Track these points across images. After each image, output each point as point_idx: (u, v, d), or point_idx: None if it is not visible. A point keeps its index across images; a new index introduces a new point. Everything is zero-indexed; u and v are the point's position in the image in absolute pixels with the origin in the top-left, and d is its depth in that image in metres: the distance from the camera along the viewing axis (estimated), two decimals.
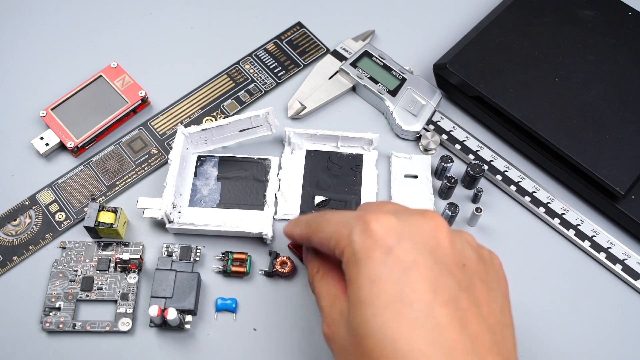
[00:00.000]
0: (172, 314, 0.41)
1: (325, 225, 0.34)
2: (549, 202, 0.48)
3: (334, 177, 0.48)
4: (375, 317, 0.29)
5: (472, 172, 0.47)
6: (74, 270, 0.45)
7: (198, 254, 0.45)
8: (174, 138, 0.48)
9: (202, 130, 0.47)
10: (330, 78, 0.53)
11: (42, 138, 0.49)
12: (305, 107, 0.51)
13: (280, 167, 0.49)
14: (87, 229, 0.45)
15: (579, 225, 0.47)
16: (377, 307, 0.29)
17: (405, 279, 0.29)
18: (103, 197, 0.48)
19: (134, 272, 0.45)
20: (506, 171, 0.49)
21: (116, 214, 0.45)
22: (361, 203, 0.48)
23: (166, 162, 0.50)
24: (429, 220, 0.32)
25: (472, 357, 0.28)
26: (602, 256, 0.46)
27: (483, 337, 0.29)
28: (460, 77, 0.49)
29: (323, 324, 0.34)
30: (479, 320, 0.30)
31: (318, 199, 0.48)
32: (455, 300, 0.30)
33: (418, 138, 0.51)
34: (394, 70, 0.52)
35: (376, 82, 0.52)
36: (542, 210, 0.48)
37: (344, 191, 0.48)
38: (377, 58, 0.53)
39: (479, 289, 0.31)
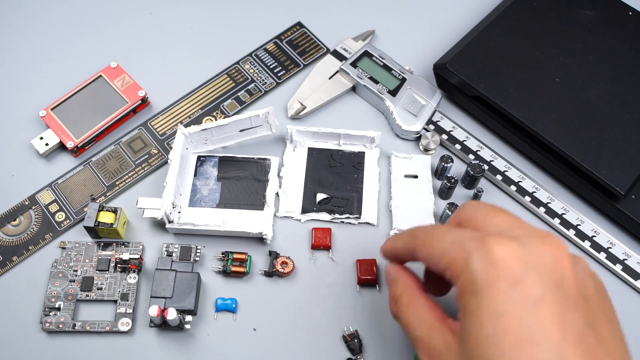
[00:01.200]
0: (172, 314, 0.41)
1: (437, 240, 0.32)
2: (549, 202, 0.48)
3: (336, 175, 0.48)
4: (501, 356, 0.27)
5: (472, 172, 0.47)
6: (74, 270, 0.45)
7: (198, 254, 0.45)
8: (174, 138, 0.48)
9: (202, 130, 0.47)
10: (330, 78, 0.53)
11: (42, 138, 0.49)
12: (305, 107, 0.51)
13: (282, 165, 0.49)
14: (87, 229, 0.45)
15: (579, 225, 0.47)
16: (503, 346, 0.27)
17: (533, 316, 0.28)
18: (103, 197, 0.48)
19: (134, 272, 0.45)
20: (506, 171, 0.49)
21: (116, 214, 0.45)
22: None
23: (166, 162, 0.50)
24: (553, 247, 0.30)
25: None
26: (602, 256, 0.46)
27: None
28: (460, 77, 0.49)
29: (420, 352, 0.32)
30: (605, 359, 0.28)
31: (320, 196, 0.48)
32: (584, 339, 0.28)
33: (418, 138, 0.51)
34: (394, 70, 0.52)
35: (376, 82, 0.52)
36: (542, 210, 0.48)
37: (345, 189, 0.48)
38: (377, 58, 0.53)
39: (603, 323, 0.30)
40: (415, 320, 0.33)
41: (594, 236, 0.47)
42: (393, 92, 0.51)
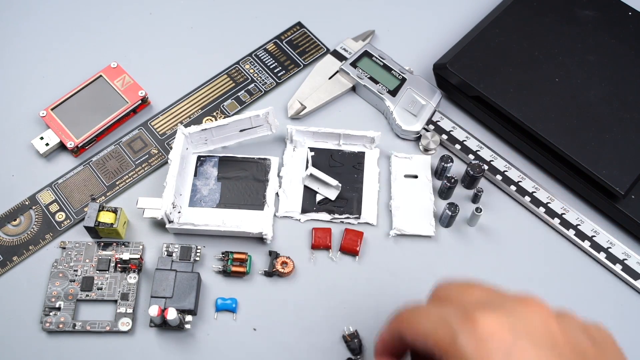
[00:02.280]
0: (172, 314, 0.41)
1: (421, 320, 0.31)
2: (549, 202, 0.48)
3: (335, 175, 0.48)
4: None
5: (472, 172, 0.47)
6: (74, 270, 0.45)
7: (198, 254, 0.45)
8: (174, 138, 0.48)
9: (202, 130, 0.47)
10: (330, 78, 0.53)
11: (42, 138, 0.49)
12: (305, 107, 0.51)
13: (282, 165, 0.49)
14: (87, 229, 0.45)
15: (579, 225, 0.47)
16: None
17: None
18: (103, 197, 0.48)
19: (134, 272, 0.45)
20: (506, 171, 0.49)
21: (116, 214, 0.45)
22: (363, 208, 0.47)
23: (166, 162, 0.50)
24: (537, 309, 0.29)
25: None
26: (602, 256, 0.46)
27: None
28: (460, 77, 0.49)
29: None
30: None
31: (320, 197, 0.48)
32: None
33: (418, 138, 0.51)
34: (394, 70, 0.52)
35: (376, 82, 0.52)
36: (542, 210, 0.48)
37: (345, 189, 0.48)
38: (377, 58, 0.53)
39: None
40: None
41: (594, 236, 0.47)
42: (393, 92, 0.51)
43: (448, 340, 0.29)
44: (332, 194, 0.48)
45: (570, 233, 0.47)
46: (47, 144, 0.49)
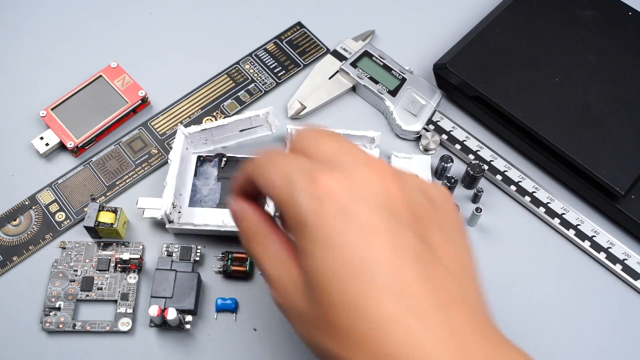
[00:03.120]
0: (172, 314, 0.41)
1: (269, 168, 0.31)
2: (549, 202, 0.48)
3: None
4: (340, 291, 0.27)
5: (472, 172, 0.47)
6: (74, 270, 0.45)
7: (198, 254, 0.45)
8: (174, 138, 0.48)
9: (202, 130, 0.47)
10: (330, 78, 0.53)
11: (42, 138, 0.49)
12: (305, 107, 0.51)
13: None
14: (87, 229, 0.45)
15: (579, 225, 0.47)
16: (340, 281, 0.27)
17: (366, 245, 0.27)
18: (103, 197, 0.48)
19: (134, 272, 0.45)
20: (506, 171, 0.49)
21: (116, 214, 0.45)
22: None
23: (166, 162, 0.50)
24: (378, 173, 0.29)
25: (441, 312, 0.27)
26: (602, 256, 0.46)
27: (450, 288, 0.28)
28: (460, 77, 0.49)
29: (272, 291, 0.31)
30: (442, 270, 0.28)
31: None
32: (417, 256, 0.28)
33: (418, 138, 0.51)
34: (394, 70, 0.52)
35: (376, 82, 0.52)
36: (542, 210, 0.48)
37: None
38: (377, 58, 0.53)
39: (436, 236, 0.30)
40: (267, 256, 0.32)
41: (594, 236, 0.47)
42: (393, 92, 0.51)
43: (287, 195, 0.29)
44: None
45: (570, 233, 0.47)
46: (47, 144, 0.49)
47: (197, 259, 0.45)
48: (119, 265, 0.44)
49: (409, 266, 0.27)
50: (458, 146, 0.50)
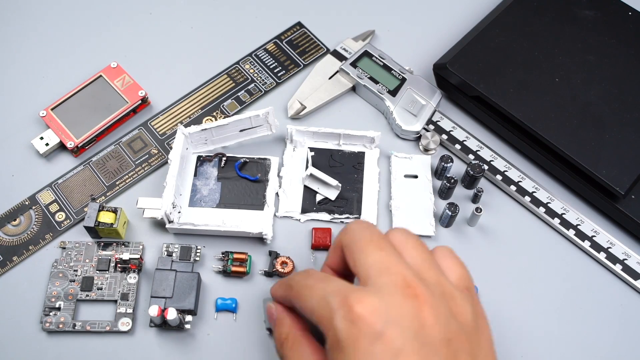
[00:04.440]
0: (172, 314, 0.41)
1: (308, 295, 0.34)
2: (549, 202, 0.48)
3: (335, 175, 0.48)
4: None
5: (472, 172, 0.47)
6: (74, 270, 0.45)
7: (198, 254, 0.45)
8: (174, 138, 0.48)
9: (202, 130, 0.47)
10: (330, 78, 0.53)
11: (42, 138, 0.49)
12: (305, 107, 0.51)
13: (281, 165, 0.49)
14: (87, 229, 0.45)
15: (579, 225, 0.47)
16: None
17: None
18: (103, 197, 0.48)
19: (134, 272, 0.45)
20: (506, 171, 0.49)
21: (116, 214, 0.45)
22: (362, 202, 0.48)
23: (166, 162, 0.50)
24: (412, 298, 0.31)
25: None
26: (602, 256, 0.46)
27: None
28: (460, 77, 0.49)
29: None
30: None
31: (320, 197, 0.48)
32: None
33: (418, 138, 0.51)
34: (394, 70, 0.52)
35: (376, 82, 0.52)
36: (542, 210, 0.48)
37: (345, 189, 0.48)
38: (377, 58, 0.53)
39: None
40: None
41: (594, 236, 0.47)
42: (393, 92, 0.51)
43: (327, 319, 0.32)
44: (332, 194, 0.48)
45: (570, 233, 0.47)
46: (47, 144, 0.49)
47: (197, 259, 0.45)
48: (119, 265, 0.44)
49: None
50: (458, 146, 0.50)
